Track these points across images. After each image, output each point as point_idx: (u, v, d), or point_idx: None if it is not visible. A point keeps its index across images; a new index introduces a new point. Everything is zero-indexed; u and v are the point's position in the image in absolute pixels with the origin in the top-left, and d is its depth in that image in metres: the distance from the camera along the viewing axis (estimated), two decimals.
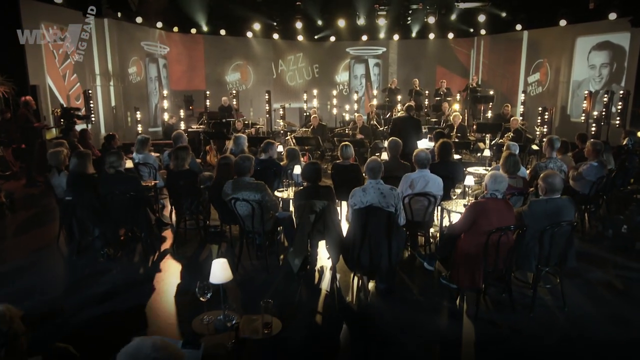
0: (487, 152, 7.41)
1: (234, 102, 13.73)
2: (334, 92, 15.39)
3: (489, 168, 7.10)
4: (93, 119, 10.98)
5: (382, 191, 4.43)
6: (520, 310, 4.16)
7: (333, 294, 4.59)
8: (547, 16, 13.30)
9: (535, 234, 4.01)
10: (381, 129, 10.48)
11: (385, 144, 8.13)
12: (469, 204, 4.86)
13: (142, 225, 5.29)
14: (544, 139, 6.32)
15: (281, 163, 6.60)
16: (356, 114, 10.61)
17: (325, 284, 4.80)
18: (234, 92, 14.00)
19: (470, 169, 7.18)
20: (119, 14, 11.72)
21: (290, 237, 5.02)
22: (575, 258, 4.32)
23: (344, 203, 5.82)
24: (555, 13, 13.03)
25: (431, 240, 5.48)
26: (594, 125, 11.22)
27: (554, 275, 4.52)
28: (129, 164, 6.22)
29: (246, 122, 12.00)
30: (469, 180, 5.11)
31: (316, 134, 10.34)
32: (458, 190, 5.25)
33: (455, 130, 9.72)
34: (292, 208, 5.28)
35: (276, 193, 5.75)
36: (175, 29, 14.30)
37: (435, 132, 6.96)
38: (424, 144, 8.97)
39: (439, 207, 5.29)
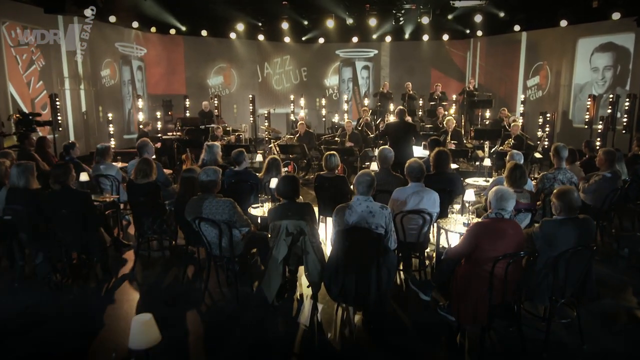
0: (487, 162, 6.91)
1: (216, 107, 13.18)
2: (323, 97, 14.88)
3: (490, 179, 6.60)
4: (60, 125, 10.37)
5: (372, 210, 3.90)
6: (532, 349, 3.63)
7: (313, 329, 4.05)
8: (546, 16, 12.95)
9: (548, 261, 3.50)
10: (372, 135, 9.98)
11: (376, 152, 7.63)
12: (469, 224, 4.34)
13: (93, 249, 4.71)
14: (551, 147, 5.83)
15: (259, 174, 6.07)
16: (345, 120, 10.11)
17: (304, 317, 4.25)
18: (216, 96, 13.44)
19: (469, 180, 6.68)
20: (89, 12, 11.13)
21: (266, 261, 4.47)
22: (596, 287, 3.80)
23: (330, 219, 5.29)
24: (556, 13, 12.68)
25: (426, 262, 4.95)
26: (599, 131, 10.79)
27: (571, 307, 3.99)
28: (84, 176, 5.64)
29: (228, 128, 11.45)
30: (469, 195, 4.60)
31: (303, 141, 9.83)
32: (457, 206, 4.73)
33: (450, 135, 9.23)
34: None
35: (251, 210, 5.20)
36: (153, 29, 13.76)
37: (430, 139, 6.47)
38: (419, 152, 8.48)
39: (435, 226, 4.76)
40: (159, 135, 11.09)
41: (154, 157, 7.51)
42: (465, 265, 3.69)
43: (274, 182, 5.23)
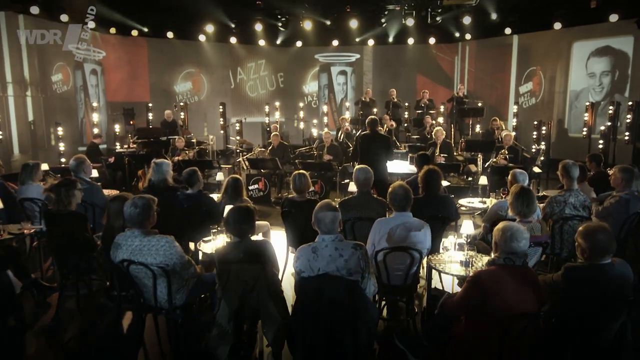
0: (483, 180, 6.20)
1: (182, 116, 12.34)
2: (301, 105, 14.16)
3: (487, 200, 5.90)
4: (1, 138, 9.43)
5: (342, 252, 3.14)
6: None
7: None
8: (539, 19, 12.49)
9: (574, 319, 2.77)
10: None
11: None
12: (469, 261, 3.60)
13: None
14: (552, 162, 5.16)
15: (218, 197, 5.27)
16: (324, 131, 9.37)
17: None
18: (182, 104, 12.60)
19: (463, 202, 5.97)
20: (36, 10, 10.24)
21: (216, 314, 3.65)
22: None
23: None
24: (549, 15, 12.22)
25: (416, 308, 4.19)
26: (600, 142, 10.25)
27: None
28: None
29: (193, 139, 10.61)
30: (467, 227, 3.85)
31: (276, 155, 9.05)
32: (451, 239, 3.99)
33: (439, 148, 8.55)
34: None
35: (202, 246, 4.39)
36: (112, 30, 12.89)
37: (418, 155, 5.74)
38: (405, 167, 7.78)
39: (426, 263, 4.01)
40: (116, 147, 10.19)
41: (95, 176, 6.67)
42: (466, 325, 2.94)
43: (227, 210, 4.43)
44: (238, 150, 10.84)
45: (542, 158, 8.37)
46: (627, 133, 10.02)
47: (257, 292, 3.29)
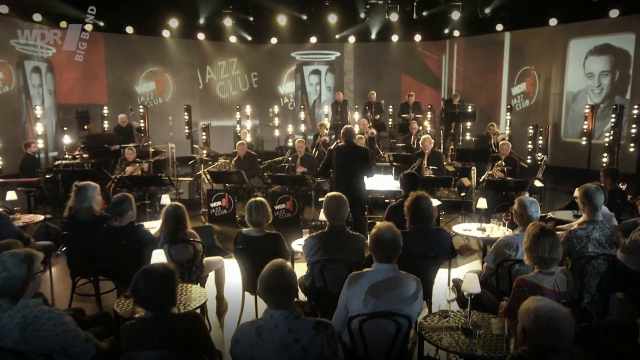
0: (482, 203, 5.29)
1: (142, 121, 11.27)
2: (276, 108, 13.20)
3: (486, 226, 5.02)
4: None
5: (298, 335, 2.23)
6: None
7: None
8: (533, 14, 11.77)
9: None
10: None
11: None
12: (471, 325, 2.70)
13: None
14: (576, 191, 4.31)
15: (156, 232, 4.30)
16: (297, 139, 8.41)
17: None
18: (142, 107, 11.52)
19: (458, 229, 5.08)
20: None
21: None
22: None
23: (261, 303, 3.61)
24: (544, 10, 11.50)
25: None
26: (606, 144, 9.51)
27: None
28: None
29: (152, 148, 9.56)
30: (471, 284, 2.94)
31: (242, 166, 8.09)
32: (448, 292, 3.08)
33: (426, 158, 7.67)
34: None
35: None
36: (63, 23, 11.74)
37: (404, 175, 4.83)
38: (387, 183, 6.87)
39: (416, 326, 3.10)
40: (61, 158, 9.04)
41: (12, 199, 5.65)
42: None
43: (157, 256, 3.46)
44: (205, 160, 9.80)
45: (543, 170, 7.54)
46: (632, 144, 9.29)
47: None
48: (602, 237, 3.86)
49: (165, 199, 5.38)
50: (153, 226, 4.87)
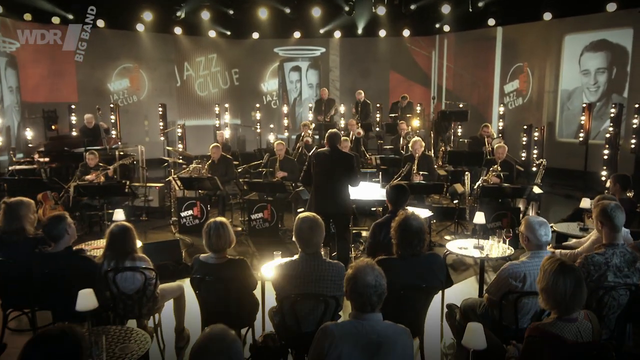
0: (479, 218, 4.64)
1: (113, 120, 10.55)
2: (257, 106, 12.52)
3: (484, 243, 4.43)
4: None
5: None
6: None
7: None
8: (527, 9, 11.27)
9: None
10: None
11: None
12: None
13: None
14: (591, 206, 3.74)
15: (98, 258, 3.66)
16: (276, 141, 7.75)
17: None
18: (112, 105, 10.81)
19: (452, 247, 4.48)
20: None
21: None
22: None
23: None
24: (538, 4, 11.00)
25: None
26: (606, 150, 9.01)
27: None
28: None
29: (121, 152, 8.83)
30: (475, 338, 2.33)
31: (216, 171, 7.44)
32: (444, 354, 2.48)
33: (416, 163, 7.07)
34: None
35: None
36: (27, 16, 10.98)
37: (391, 187, 4.22)
38: (374, 191, 6.27)
39: None
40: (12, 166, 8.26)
41: None
42: None
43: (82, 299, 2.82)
44: (180, 163, 9.10)
45: (542, 174, 6.98)
46: (632, 140, 8.80)
47: None
48: (624, 263, 3.29)
49: (119, 215, 4.70)
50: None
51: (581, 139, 9.99)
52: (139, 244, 3.98)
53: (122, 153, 8.76)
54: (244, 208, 7.23)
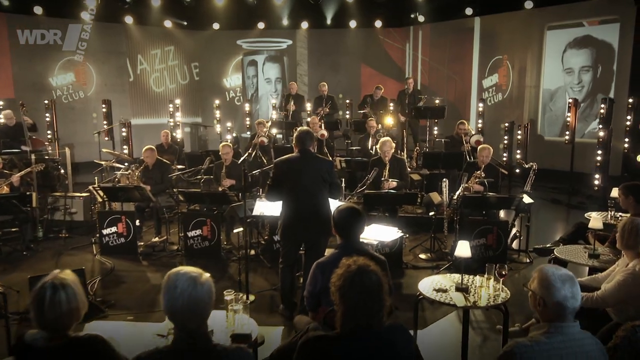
0: (461, 249, 3.37)
1: (47, 118, 9.06)
2: (217, 102, 11.14)
3: (473, 284, 3.20)
4: None
5: None
6: None
7: None
8: None
9: None
10: (266, 168, 6.31)
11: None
12: None
13: None
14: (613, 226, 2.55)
15: None
16: (222, 143, 6.39)
17: None
18: (47, 101, 9.28)
19: (425, 288, 3.24)
20: None
21: None
22: None
23: None
24: None
25: None
26: (599, 151, 7.92)
27: None
28: None
29: (47, 155, 7.39)
30: None
31: (151, 178, 6.09)
32: None
33: (387, 168, 5.83)
34: None
35: None
36: None
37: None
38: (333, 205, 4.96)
39: None
40: None
41: None
42: None
43: None
44: (118, 168, 7.66)
45: (532, 180, 5.80)
46: (626, 140, 7.72)
47: None
48: None
49: None
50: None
51: (567, 137, 8.90)
52: None
53: (47, 156, 7.34)
54: (179, 222, 5.88)
